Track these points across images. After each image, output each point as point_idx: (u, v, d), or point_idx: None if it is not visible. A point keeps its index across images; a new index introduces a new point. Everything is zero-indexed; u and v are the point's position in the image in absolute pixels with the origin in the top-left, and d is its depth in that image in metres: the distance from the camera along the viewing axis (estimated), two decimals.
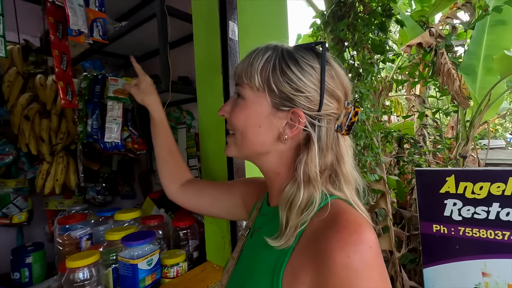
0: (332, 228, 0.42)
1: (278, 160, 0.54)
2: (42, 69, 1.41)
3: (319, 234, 0.44)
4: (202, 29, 1.06)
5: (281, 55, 0.51)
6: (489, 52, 2.59)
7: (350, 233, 0.41)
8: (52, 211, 1.58)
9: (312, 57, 0.51)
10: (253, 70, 0.51)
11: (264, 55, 0.51)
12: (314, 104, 0.50)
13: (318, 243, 0.42)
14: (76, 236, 1.13)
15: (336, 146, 0.52)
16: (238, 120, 0.54)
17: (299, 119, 0.50)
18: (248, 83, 0.52)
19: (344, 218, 0.44)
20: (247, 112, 0.53)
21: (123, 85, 1.05)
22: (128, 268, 0.88)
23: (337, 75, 0.52)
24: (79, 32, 0.94)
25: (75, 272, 0.83)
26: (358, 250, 0.39)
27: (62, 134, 1.38)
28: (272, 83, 0.50)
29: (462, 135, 2.71)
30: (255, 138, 0.53)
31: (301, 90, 0.49)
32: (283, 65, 0.50)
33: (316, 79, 0.49)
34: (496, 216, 1.11)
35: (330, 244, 0.40)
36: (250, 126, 0.53)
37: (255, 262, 0.53)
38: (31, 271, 1.15)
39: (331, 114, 0.51)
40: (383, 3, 2.14)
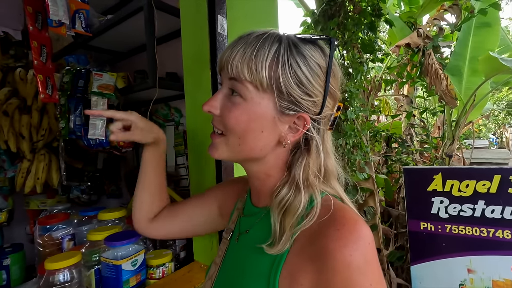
0: (330, 226, 0.41)
1: (274, 163, 0.51)
2: (23, 63, 1.35)
3: (317, 233, 0.42)
4: (190, 23, 1.04)
5: (289, 48, 0.44)
6: (474, 54, 2.66)
7: (350, 231, 0.40)
8: (33, 211, 1.52)
9: (320, 54, 0.46)
10: (258, 65, 0.43)
11: (272, 47, 0.43)
12: (318, 107, 0.47)
13: (317, 242, 0.41)
14: (57, 236, 1.09)
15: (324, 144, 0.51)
16: (238, 122, 0.46)
17: (304, 123, 0.47)
18: (251, 80, 0.44)
19: (341, 214, 0.43)
20: (248, 114, 0.46)
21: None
22: (112, 269, 0.85)
23: (337, 73, 0.49)
24: (59, 23, 0.90)
25: (55, 274, 0.80)
26: (359, 248, 0.39)
27: (43, 131, 1.33)
28: (282, 84, 0.44)
29: (448, 135, 2.77)
30: (255, 144, 0.47)
31: (310, 94, 0.45)
32: (292, 62, 0.43)
33: (322, 81, 0.46)
34: (482, 213, 1.13)
35: (331, 242, 0.39)
36: (251, 130, 0.46)
37: (247, 266, 0.50)
38: (9, 273, 1.10)
39: (327, 116, 0.49)
40: (372, 3, 2.15)
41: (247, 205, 0.60)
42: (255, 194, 0.58)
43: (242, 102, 0.46)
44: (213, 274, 0.58)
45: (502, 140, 13.73)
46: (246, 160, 0.52)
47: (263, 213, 0.53)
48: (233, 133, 0.48)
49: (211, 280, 0.57)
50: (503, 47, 3.28)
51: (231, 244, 0.59)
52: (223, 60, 0.47)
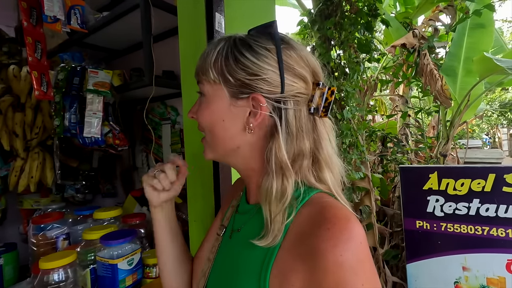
0: (321, 226, 0.40)
1: (250, 153, 0.51)
2: (16, 60, 1.33)
3: (307, 232, 0.42)
4: (188, 21, 1.03)
5: (233, 43, 0.49)
6: (469, 54, 2.68)
7: (341, 230, 0.39)
8: (27, 210, 1.50)
9: (266, 38, 0.48)
10: (206, 64, 0.50)
11: (217, 47, 0.50)
12: (275, 86, 0.47)
13: (308, 242, 0.40)
14: (52, 236, 1.08)
15: (313, 130, 0.50)
16: (204, 118, 0.52)
17: (260, 104, 0.47)
18: (205, 78, 0.51)
19: (332, 213, 0.42)
20: (210, 108, 0.51)
21: None
22: (107, 268, 0.84)
23: (298, 53, 0.49)
24: (54, 19, 0.89)
25: (50, 273, 0.79)
26: (350, 247, 0.38)
27: (37, 129, 1.31)
28: (227, 73, 0.48)
29: (443, 135, 2.79)
30: (222, 133, 0.51)
31: (257, 74, 0.47)
32: (235, 53, 0.48)
33: (272, 60, 0.47)
34: (476, 212, 1.14)
35: (322, 242, 0.39)
36: (214, 122, 0.51)
37: (240, 263, 0.50)
38: (2, 273, 1.09)
39: (298, 95, 0.48)
40: (369, 3, 2.16)
41: (242, 202, 0.60)
42: (248, 192, 0.58)
43: (203, 99, 0.52)
44: (206, 271, 0.58)
45: (495, 140, 13.92)
46: (225, 154, 0.53)
47: (254, 210, 0.54)
48: (205, 130, 0.53)
49: (205, 276, 0.57)
50: (497, 48, 3.32)
51: (223, 241, 0.59)
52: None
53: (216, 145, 0.52)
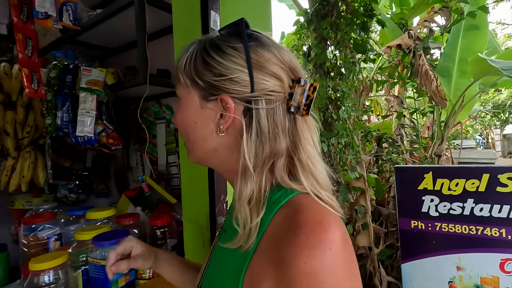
0: (290, 231, 0.38)
1: (226, 156, 0.50)
2: (7, 57, 1.31)
3: (280, 237, 0.40)
4: (183, 19, 1.02)
5: (203, 46, 0.49)
6: (463, 56, 2.71)
7: (307, 235, 0.37)
8: (18, 210, 1.47)
9: (235, 37, 0.47)
10: (178, 68, 0.51)
11: (188, 51, 0.50)
12: (244, 86, 0.45)
13: (278, 249, 0.39)
14: (43, 236, 1.06)
15: (292, 130, 0.48)
16: (178, 121, 0.53)
17: (227, 105, 0.46)
18: (177, 82, 0.52)
19: (303, 217, 0.40)
20: (183, 111, 0.51)
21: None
22: (99, 270, 0.83)
23: (270, 50, 0.47)
24: (46, 15, 0.87)
25: (40, 275, 0.77)
26: (317, 254, 0.36)
27: (29, 128, 1.29)
28: (195, 75, 0.48)
29: (437, 135, 2.81)
30: (195, 136, 0.51)
31: (223, 74, 0.45)
32: (203, 55, 0.48)
33: (240, 59, 0.45)
34: (471, 211, 1.15)
35: (289, 249, 0.37)
36: (187, 125, 0.51)
37: (223, 264, 0.50)
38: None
39: (270, 93, 0.46)
40: (365, 3, 2.17)
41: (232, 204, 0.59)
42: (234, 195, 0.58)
43: (178, 103, 0.52)
44: (202, 270, 0.58)
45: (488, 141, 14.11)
46: (204, 157, 0.53)
47: None
48: (182, 133, 0.53)
49: (201, 274, 0.57)
50: (491, 50, 3.36)
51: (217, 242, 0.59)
52: None
53: (193, 148, 0.52)
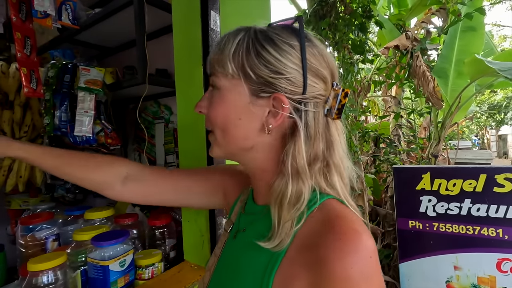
0: (329, 236, 0.39)
1: (264, 154, 0.49)
2: (4, 56, 1.29)
3: (315, 241, 0.40)
4: (182, 19, 1.02)
5: (254, 35, 0.46)
6: (460, 57, 2.73)
7: (350, 242, 0.38)
8: (15, 210, 1.46)
9: (289, 34, 0.46)
10: (224, 56, 0.46)
11: (235, 38, 0.46)
12: (298, 87, 0.45)
13: (315, 251, 0.39)
14: (41, 237, 1.05)
15: (326, 133, 0.47)
16: (217, 114, 0.48)
17: (282, 105, 0.44)
18: (221, 71, 0.47)
19: (342, 223, 0.40)
20: (225, 104, 0.47)
21: None
22: (98, 270, 0.82)
23: (320, 52, 0.47)
24: (45, 14, 0.86)
25: (38, 275, 0.76)
26: (358, 261, 0.37)
27: (26, 127, 1.28)
28: (248, 68, 0.45)
29: (434, 136, 2.83)
30: (237, 132, 0.48)
31: (280, 72, 0.44)
32: (257, 46, 0.44)
33: (296, 58, 0.44)
34: (468, 211, 1.16)
35: (329, 253, 0.37)
36: (229, 119, 0.47)
37: (241, 265, 0.49)
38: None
39: (318, 97, 0.46)
40: (363, 4, 2.17)
41: (249, 202, 0.58)
42: (256, 193, 0.56)
43: (217, 94, 0.48)
44: (212, 266, 0.57)
45: (484, 141, 14.22)
46: (236, 153, 0.51)
47: (263, 212, 0.51)
48: (216, 126, 0.49)
49: (210, 271, 0.56)
50: (487, 51, 3.39)
51: (230, 238, 0.57)
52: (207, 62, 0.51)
53: (228, 143, 0.49)
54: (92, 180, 0.68)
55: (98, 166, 0.68)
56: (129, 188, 0.67)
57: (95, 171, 0.68)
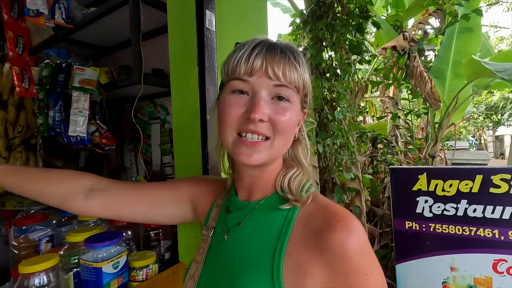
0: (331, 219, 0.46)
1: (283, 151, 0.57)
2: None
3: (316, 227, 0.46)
4: (177, 18, 1.01)
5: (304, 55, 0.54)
6: (457, 58, 2.74)
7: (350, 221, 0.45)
8: (9, 211, 1.44)
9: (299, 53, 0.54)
10: (299, 74, 0.51)
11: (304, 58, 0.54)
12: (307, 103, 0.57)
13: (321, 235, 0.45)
14: (34, 238, 1.04)
15: None
16: (289, 125, 0.52)
17: (304, 117, 0.57)
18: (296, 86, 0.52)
19: (336, 209, 0.48)
20: (294, 117, 0.53)
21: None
22: (91, 272, 0.81)
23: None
24: (37, 13, 0.85)
25: (30, 278, 0.75)
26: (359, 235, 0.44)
27: (20, 127, 1.27)
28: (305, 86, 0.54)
29: (432, 136, 2.84)
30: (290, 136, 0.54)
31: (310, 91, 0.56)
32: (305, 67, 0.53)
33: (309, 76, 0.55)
34: (464, 212, 1.16)
35: (336, 233, 0.43)
36: (292, 130, 0.54)
37: (243, 258, 0.50)
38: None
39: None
40: (360, 5, 2.17)
41: (233, 201, 0.60)
42: (245, 190, 0.59)
43: (290, 106, 0.51)
44: (195, 273, 0.56)
45: (481, 142, 14.29)
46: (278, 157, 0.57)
47: (256, 206, 0.55)
48: (282, 135, 0.51)
49: (194, 279, 0.55)
50: (484, 52, 3.40)
51: (214, 242, 0.58)
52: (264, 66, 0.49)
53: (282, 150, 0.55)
54: (54, 194, 0.64)
55: (61, 180, 0.66)
56: (93, 200, 0.64)
57: (57, 184, 0.65)
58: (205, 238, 0.60)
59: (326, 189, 2.36)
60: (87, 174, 0.68)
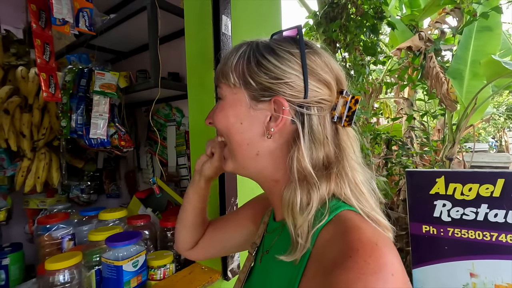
0: (344, 253, 0.35)
1: (271, 162, 0.48)
2: (24, 61, 1.34)
3: (329, 259, 0.37)
4: (194, 23, 1.03)
5: (256, 47, 0.48)
6: (475, 57, 2.66)
7: (364, 259, 0.33)
8: (32, 210, 1.51)
9: (290, 43, 0.47)
10: (227, 67, 0.49)
11: (238, 51, 0.49)
12: (299, 91, 0.45)
13: (330, 273, 0.35)
14: (57, 236, 1.08)
15: (335, 139, 0.47)
16: (220, 121, 0.50)
17: (282, 107, 0.45)
18: (224, 82, 0.49)
19: (356, 237, 0.36)
20: (227, 111, 0.49)
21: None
22: (112, 270, 0.84)
23: (322, 58, 0.47)
24: (63, 22, 0.89)
25: (55, 274, 0.79)
26: (378, 280, 0.32)
27: (44, 130, 1.32)
28: (248, 76, 0.46)
29: (449, 138, 2.77)
30: (240, 137, 0.48)
31: (280, 77, 0.45)
32: (258, 56, 0.46)
33: (296, 64, 0.45)
34: (485, 217, 1.12)
35: (344, 273, 0.33)
36: (231, 124, 0.48)
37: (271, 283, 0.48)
38: (7, 273, 1.09)
39: (321, 101, 0.46)
40: (375, 5, 2.15)
41: (270, 221, 0.58)
42: (275, 209, 0.56)
43: (221, 102, 0.50)
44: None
45: (502, 143, 13.77)
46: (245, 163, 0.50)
47: (281, 227, 0.51)
48: (224, 135, 0.51)
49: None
50: (504, 51, 3.29)
51: (255, 263, 0.57)
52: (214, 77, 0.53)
53: (235, 151, 0.50)
54: (184, 239, 0.75)
55: (193, 231, 0.74)
56: (196, 251, 0.74)
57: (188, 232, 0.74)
58: (249, 256, 0.59)
59: None
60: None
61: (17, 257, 1.13)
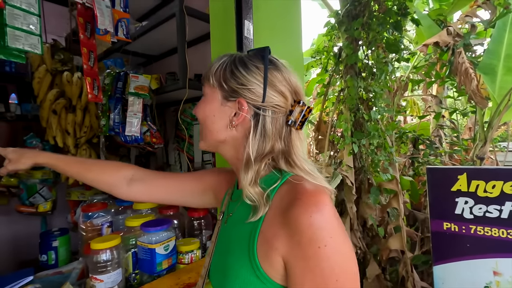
0: (294, 197, 0.51)
1: (234, 147, 0.63)
2: (68, 67, 1.50)
3: (284, 205, 0.51)
4: (219, 28, 1.11)
5: (233, 60, 0.62)
6: (510, 52, 2.52)
7: (308, 197, 0.49)
8: (74, 201, 1.67)
9: (259, 59, 0.61)
10: (210, 72, 0.63)
11: (220, 60, 0.63)
12: (257, 96, 0.59)
13: (285, 212, 0.50)
14: (98, 223, 1.20)
15: (287, 137, 0.61)
16: (199, 112, 0.64)
17: (242, 107, 0.59)
18: (207, 83, 0.64)
19: (301, 186, 0.52)
20: (206, 105, 0.63)
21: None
22: (147, 252, 0.94)
23: (282, 74, 0.61)
24: (105, 31, 1.01)
25: (99, 253, 0.90)
26: (317, 210, 0.48)
27: (85, 128, 1.47)
28: (223, 81, 0.61)
29: (480, 137, 2.64)
30: (212, 126, 0.63)
31: (244, 84, 0.59)
32: (232, 67, 0.61)
33: (259, 76, 0.59)
34: (509, 215, 1.09)
35: (295, 209, 0.49)
36: (208, 116, 0.63)
37: (232, 240, 0.60)
38: (57, 254, 1.24)
39: (276, 107, 0.60)
40: (398, 2, 2.12)
41: (234, 190, 0.70)
42: (238, 179, 0.67)
43: (203, 98, 0.65)
44: (210, 251, 0.69)
45: None
46: (215, 145, 0.65)
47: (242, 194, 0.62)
48: (200, 121, 0.65)
49: (209, 256, 0.68)
50: None
51: (222, 226, 0.69)
52: None
53: (207, 135, 0.64)
54: (103, 182, 0.83)
55: (108, 171, 0.84)
56: (133, 188, 0.82)
57: (105, 174, 0.83)
58: (217, 222, 0.72)
59: (362, 190, 2.33)
60: (128, 165, 0.87)
61: (65, 240, 1.28)
